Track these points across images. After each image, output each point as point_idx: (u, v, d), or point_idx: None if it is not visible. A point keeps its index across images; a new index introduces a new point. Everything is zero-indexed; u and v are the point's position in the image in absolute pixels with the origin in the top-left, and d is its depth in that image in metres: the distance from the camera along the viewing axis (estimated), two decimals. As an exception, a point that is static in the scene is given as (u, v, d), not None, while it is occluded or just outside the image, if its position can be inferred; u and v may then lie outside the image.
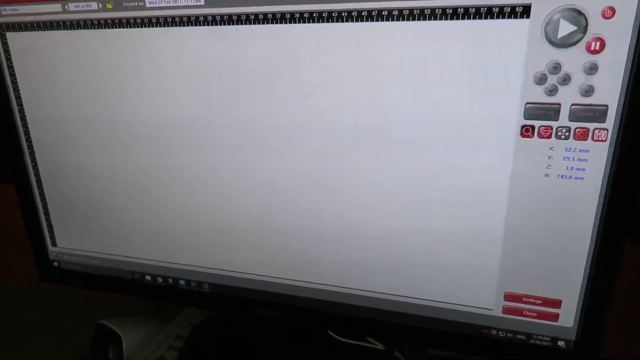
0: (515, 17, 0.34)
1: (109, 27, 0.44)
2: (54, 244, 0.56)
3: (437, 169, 0.39)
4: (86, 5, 0.44)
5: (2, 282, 0.74)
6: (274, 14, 0.39)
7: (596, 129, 0.34)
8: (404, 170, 0.40)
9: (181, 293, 0.52)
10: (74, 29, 0.45)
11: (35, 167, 0.53)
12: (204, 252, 0.50)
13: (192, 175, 0.47)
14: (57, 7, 0.45)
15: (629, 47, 0.32)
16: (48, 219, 0.54)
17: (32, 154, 0.52)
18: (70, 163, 0.51)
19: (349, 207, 0.42)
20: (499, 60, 0.35)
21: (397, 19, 0.36)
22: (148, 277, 0.53)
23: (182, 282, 0.51)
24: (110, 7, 0.44)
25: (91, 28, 0.45)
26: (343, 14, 0.37)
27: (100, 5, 0.44)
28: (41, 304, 0.72)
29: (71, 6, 0.45)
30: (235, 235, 0.48)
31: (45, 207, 0.54)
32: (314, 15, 0.38)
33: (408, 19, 0.36)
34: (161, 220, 0.50)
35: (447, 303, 0.43)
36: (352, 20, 0.37)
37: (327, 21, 0.38)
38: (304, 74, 0.40)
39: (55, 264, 0.57)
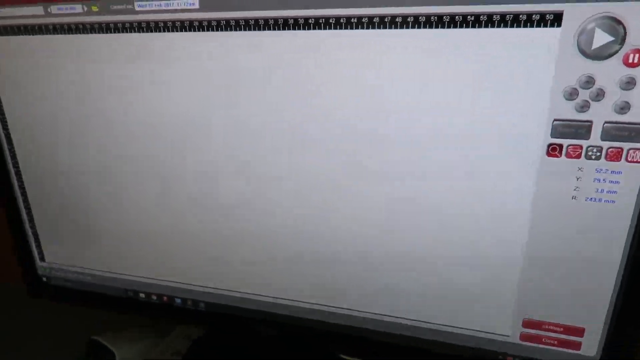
0: (545, 25, 0.30)
1: (95, 32, 0.41)
2: (42, 259, 0.53)
3: (456, 188, 0.36)
4: (70, 8, 0.41)
5: (2, 282, 0.72)
6: (275, 20, 0.36)
7: (631, 149, 0.31)
8: (419, 190, 0.37)
9: (177, 311, 0.49)
10: (57, 33, 0.42)
11: (19, 179, 0.50)
12: (199, 270, 0.47)
13: (186, 188, 0.44)
14: (39, 10, 0.42)
15: (672, 60, 0.29)
16: (35, 234, 0.51)
17: (15, 165, 0.49)
18: (56, 174, 0.48)
19: (366, 226, 0.40)
20: (525, 73, 0.32)
21: (416, 27, 0.33)
22: (142, 295, 0.50)
23: (177, 301, 0.49)
24: (96, 10, 0.40)
25: (76, 33, 0.41)
26: (352, 20, 0.34)
27: (86, 9, 0.40)
28: (41, 304, 0.70)
29: (54, 9, 0.41)
30: (234, 251, 0.45)
31: (31, 220, 0.51)
32: (320, 21, 0.35)
33: (427, 27, 0.32)
34: (154, 235, 0.47)
35: (462, 328, 0.40)
36: (363, 27, 0.34)
37: (336, 27, 0.35)
38: (305, 86, 0.37)
39: (45, 279, 0.54)
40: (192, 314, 0.49)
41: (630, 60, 0.30)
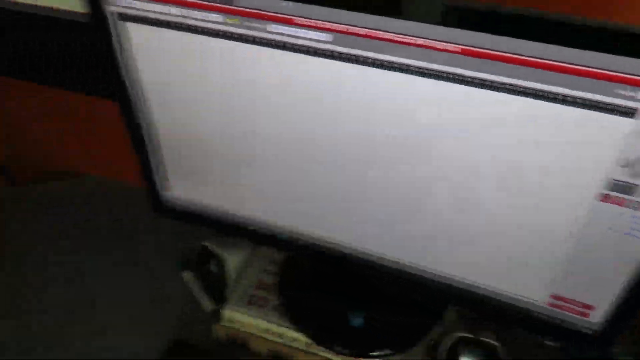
0: (623, 115, 0.38)
1: (234, 40, 0.47)
2: (167, 189, 0.65)
3: (527, 211, 0.47)
4: (209, 16, 0.46)
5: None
6: (408, 66, 0.42)
7: (661, 207, 0.41)
8: (486, 196, 0.47)
9: (281, 243, 0.63)
10: (193, 33, 0.48)
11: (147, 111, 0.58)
12: (313, 218, 0.59)
13: (304, 149, 0.53)
14: (175, 11, 0.47)
15: None
16: (163, 169, 0.63)
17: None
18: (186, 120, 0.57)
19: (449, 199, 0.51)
20: (600, 142, 0.40)
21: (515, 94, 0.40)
22: (252, 228, 0.64)
23: (283, 236, 0.62)
24: (234, 22, 0.46)
25: (212, 36, 0.47)
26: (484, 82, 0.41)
27: (223, 19, 0.46)
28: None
29: (194, 13, 0.47)
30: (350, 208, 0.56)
31: (159, 160, 0.62)
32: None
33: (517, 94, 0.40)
34: (274, 182, 0.57)
35: (509, 292, 0.55)
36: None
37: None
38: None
39: (168, 204, 0.67)
40: (299, 249, 0.63)
41: (680, 152, 0.38)
